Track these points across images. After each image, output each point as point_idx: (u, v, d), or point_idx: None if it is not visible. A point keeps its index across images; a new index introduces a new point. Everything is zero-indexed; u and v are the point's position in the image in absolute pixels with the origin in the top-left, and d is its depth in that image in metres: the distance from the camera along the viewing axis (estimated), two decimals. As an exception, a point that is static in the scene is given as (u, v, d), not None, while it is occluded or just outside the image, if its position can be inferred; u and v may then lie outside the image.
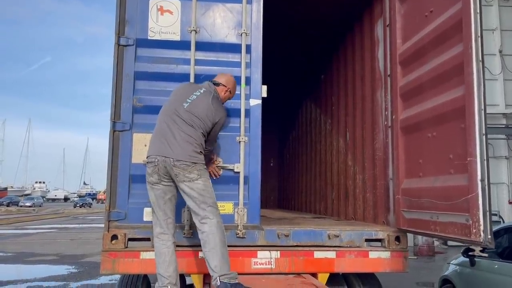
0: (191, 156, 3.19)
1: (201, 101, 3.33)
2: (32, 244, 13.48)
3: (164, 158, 3.17)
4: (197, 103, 3.32)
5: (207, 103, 3.33)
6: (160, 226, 3.25)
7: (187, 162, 3.17)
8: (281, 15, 5.22)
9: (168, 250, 3.20)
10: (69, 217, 31.30)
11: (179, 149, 3.18)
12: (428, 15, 3.51)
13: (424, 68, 3.55)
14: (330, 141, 6.42)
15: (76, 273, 8.77)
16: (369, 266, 3.73)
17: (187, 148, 3.20)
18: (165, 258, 3.18)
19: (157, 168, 3.19)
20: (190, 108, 3.30)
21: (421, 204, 3.49)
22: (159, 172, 3.20)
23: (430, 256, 11.23)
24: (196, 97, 3.35)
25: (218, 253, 3.09)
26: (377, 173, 4.52)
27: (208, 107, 3.32)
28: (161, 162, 3.18)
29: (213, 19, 3.87)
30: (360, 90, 5.14)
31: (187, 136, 3.23)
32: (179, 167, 3.16)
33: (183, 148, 3.19)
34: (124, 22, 3.74)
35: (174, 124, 3.24)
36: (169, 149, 3.18)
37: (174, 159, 3.15)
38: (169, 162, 3.16)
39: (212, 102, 3.35)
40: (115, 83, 3.64)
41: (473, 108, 2.88)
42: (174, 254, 3.24)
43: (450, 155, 3.17)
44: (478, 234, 2.79)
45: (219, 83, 3.55)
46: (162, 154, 3.19)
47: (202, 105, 3.32)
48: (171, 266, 3.18)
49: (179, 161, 3.15)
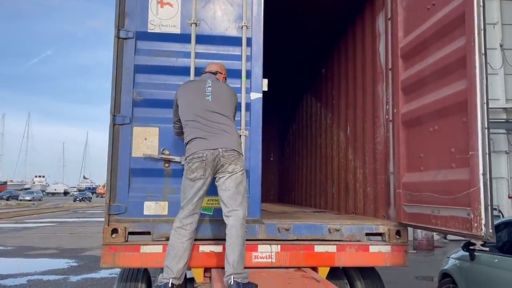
0: (237, 146, 3.28)
1: (219, 89, 3.38)
2: (32, 238, 13.51)
3: (213, 151, 3.18)
4: (217, 92, 3.36)
5: (226, 89, 3.44)
6: (180, 221, 3.21)
7: (235, 151, 3.22)
8: (281, 8, 5.19)
9: (183, 245, 3.18)
10: (68, 211, 31.34)
11: (226, 139, 3.23)
12: (430, 8, 3.48)
13: (426, 61, 3.53)
14: (331, 135, 6.41)
15: (76, 266, 8.78)
16: (370, 260, 3.73)
17: (233, 139, 3.27)
18: (177, 252, 3.16)
19: (205, 163, 3.17)
20: (215, 99, 3.32)
21: (422, 198, 3.49)
22: (205, 167, 3.18)
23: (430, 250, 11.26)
24: (211, 88, 3.36)
25: (237, 249, 3.09)
26: (378, 167, 4.51)
27: (228, 92, 3.42)
28: (210, 156, 3.17)
29: (214, 12, 3.84)
30: (361, 84, 5.12)
31: (228, 127, 3.28)
32: (227, 158, 3.19)
33: (230, 139, 3.25)
34: (124, 15, 3.70)
35: (210, 118, 3.26)
36: (216, 142, 3.20)
37: (224, 149, 3.19)
38: (218, 153, 3.18)
39: (226, 85, 3.48)
40: (115, 76, 3.62)
41: (475, 102, 2.86)
42: (188, 251, 3.21)
43: (452, 149, 3.16)
44: (480, 228, 2.78)
45: (216, 71, 3.56)
46: (211, 147, 3.19)
47: (223, 92, 3.39)
48: (181, 262, 3.16)
49: (228, 151, 3.20)
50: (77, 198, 54.16)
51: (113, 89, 3.60)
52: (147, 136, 3.60)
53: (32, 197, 50.52)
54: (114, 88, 3.60)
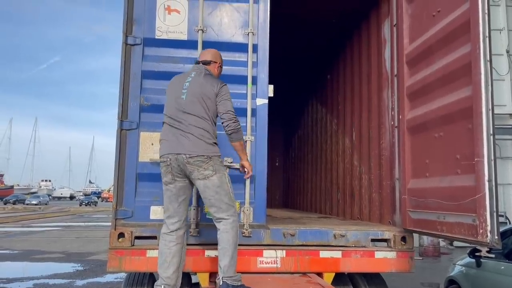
0: (205, 150, 3.10)
1: (195, 84, 3.21)
2: (39, 242, 13.57)
3: (176, 155, 3.10)
4: (192, 88, 3.20)
5: (199, 82, 3.20)
6: (166, 227, 3.20)
7: (202, 156, 3.08)
8: (287, 14, 5.22)
9: (170, 251, 3.13)
10: (74, 215, 31.46)
11: (191, 144, 3.09)
12: (435, 15, 3.50)
13: (431, 68, 3.54)
14: (336, 141, 6.42)
15: (82, 271, 8.82)
16: (375, 266, 3.73)
17: (199, 142, 3.10)
18: (165, 259, 3.12)
19: (170, 168, 3.13)
20: (188, 96, 3.18)
21: (428, 205, 3.48)
22: (172, 172, 3.14)
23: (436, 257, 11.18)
24: (189, 83, 3.23)
25: (228, 254, 3.08)
26: (383, 173, 4.51)
27: (201, 85, 3.19)
28: (174, 161, 3.11)
29: (220, 19, 3.88)
30: (366, 90, 5.13)
31: (197, 129, 3.12)
32: (193, 164, 3.08)
33: (195, 143, 3.09)
34: (131, 22, 3.76)
35: (180, 119, 3.15)
36: (180, 146, 3.10)
37: (187, 155, 3.07)
38: (182, 160, 3.08)
39: (204, 79, 3.23)
40: (123, 82, 3.67)
41: (480, 108, 2.87)
42: (177, 256, 3.15)
43: (457, 155, 3.16)
44: (485, 234, 2.78)
45: (209, 61, 3.41)
46: (173, 151, 3.11)
47: (196, 86, 3.19)
48: (170, 268, 3.11)
49: (193, 157, 3.07)
50: (83, 203, 54.36)
51: (121, 95, 3.65)
52: (154, 141, 3.63)
53: (39, 201, 50.83)
54: (121, 94, 3.65)
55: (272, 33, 3.93)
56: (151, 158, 3.62)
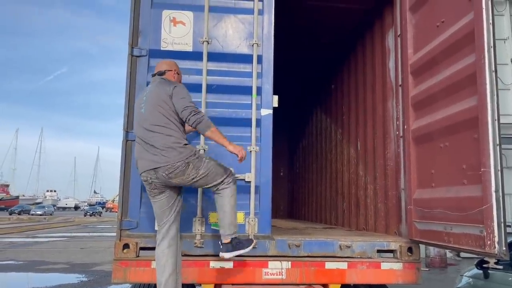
0: (179, 156, 3.06)
1: (150, 94, 3.22)
2: (43, 253, 13.56)
3: (154, 172, 3.10)
4: (149, 99, 3.22)
5: (155, 92, 3.21)
6: (157, 233, 3.28)
7: (179, 164, 3.05)
8: (291, 25, 5.26)
9: (163, 254, 3.19)
10: (79, 225, 31.44)
11: (162, 157, 3.05)
12: (439, 25, 3.51)
13: (436, 78, 3.54)
14: (341, 151, 6.40)
15: (86, 282, 8.78)
16: (381, 277, 3.69)
17: (170, 151, 3.05)
18: (159, 262, 3.19)
19: (154, 185, 3.17)
20: (147, 108, 3.19)
21: (434, 215, 3.46)
22: (157, 187, 3.19)
23: (443, 268, 11.05)
24: (146, 96, 3.25)
25: (227, 216, 3.21)
26: (389, 183, 4.49)
27: (156, 93, 3.18)
28: (154, 178, 3.13)
29: (225, 30, 3.91)
30: (371, 100, 5.13)
31: (163, 138, 3.08)
32: (167, 177, 3.08)
33: (166, 155, 3.05)
34: (137, 33, 3.79)
35: (145, 133, 3.15)
36: (154, 161, 3.08)
37: (166, 172, 3.05)
38: (162, 176, 3.08)
39: (158, 87, 3.22)
40: (128, 93, 3.69)
41: (486, 118, 2.86)
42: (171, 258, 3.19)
43: (463, 165, 3.14)
44: (493, 245, 2.75)
45: (164, 71, 3.40)
46: (150, 167, 3.11)
47: (152, 96, 3.19)
48: (166, 270, 3.15)
49: (171, 172, 3.06)
50: (88, 213, 54.42)
51: (126, 106, 3.67)
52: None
53: (44, 211, 50.93)
54: (127, 105, 3.67)
55: (276, 44, 3.95)
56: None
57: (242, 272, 3.39)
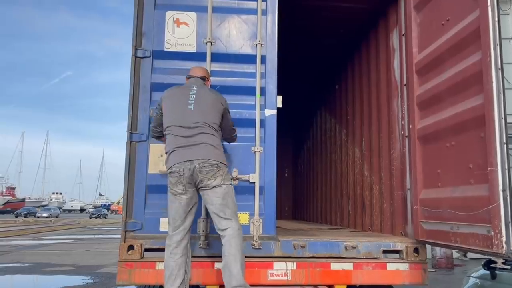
0: (216, 156, 3.20)
1: (202, 95, 3.32)
2: (49, 255, 13.60)
3: (189, 163, 3.15)
4: (201, 99, 3.29)
5: (208, 94, 3.36)
6: (169, 238, 3.22)
7: (212, 164, 3.15)
8: (295, 25, 5.25)
9: (176, 263, 3.15)
10: (85, 227, 31.55)
11: (204, 151, 3.17)
12: (444, 24, 3.48)
13: (441, 77, 3.51)
14: (346, 151, 6.38)
15: (92, 284, 8.80)
16: (387, 278, 3.66)
17: (211, 149, 3.20)
18: (172, 272, 3.14)
19: (182, 178, 3.17)
20: (197, 107, 3.27)
21: (440, 215, 3.43)
22: (184, 182, 3.17)
23: (449, 269, 10.97)
24: (195, 95, 3.31)
25: (238, 260, 3.09)
26: (394, 184, 4.46)
27: (211, 97, 3.34)
28: (186, 170, 3.15)
29: (229, 31, 3.91)
30: (376, 100, 5.11)
31: (209, 137, 3.23)
32: (205, 174, 3.15)
33: (208, 150, 3.19)
34: (141, 35, 3.79)
35: (189, 129, 3.21)
36: (193, 153, 3.16)
37: (201, 163, 3.13)
38: (194, 168, 3.14)
39: (211, 92, 3.41)
40: (132, 94, 3.69)
41: (493, 117, 2.83)
42: (183, 268, 3.18)
43: (470, 164, 3.11)
44: (501, 245, 2.72)
45: (205, 77, 3.55)
46: (186, 159, 3.15)
47: (207, 99, 3.31)
48: (177, 280, 3.13)
49: (205, 166, 3.14)
50: (93, 215, 54.66)
51: (130, 107, 3.67)
52: (163, 153, 3.63)
53: (49, 214, 51.19)
54: (131, 106, 3.67)
55: (279, 44, 3.93)
56: (161, 169, 3.62)
57: (247, 273, 3.36)
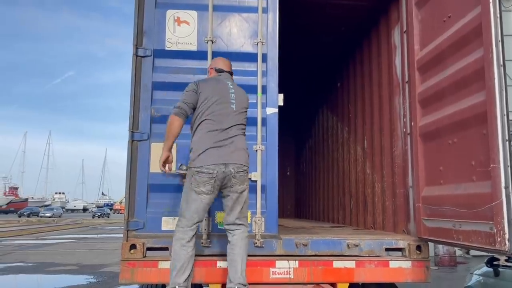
0: (247, 161, 3.26)
1: (239, 95, 3.37)
2: (52, 254, 13.64)
3: (224, 166, 3.13)
4: (238, 98, 3.35)
5: (242, 93, 3.42)
6: (184, 232, 3.17)
7: (244, 170, 3.22)
8: (297, 23, 5.23)
9: (187, 255, 3.17)
10: (88, 227, 31.62)
11: (239, 155, 3.21)
12: (446, 20, 3.47)
13: (443, 73, 3.50)
14: (348, 149, 6.37)
15: (95, 283, 8.82)
16: (390, 276, 3.66)
17: (244, 156, 3.26)
18: (183, 264, 3.14)
19: (214, 180, 3.13)
20: (238, 106, 3.32)
21: (443, 212, 3.42)
22: (214, 184, 3.15)
23: (452, 266, 10.96)
24: (234, 93, 3.35)
25: (244, 260, 3.17)
26: (397, 181, 4.45)
27: (242, 96, 3.40)
28: (221, 173, 3.13)
29: (229, 29, 3.90)
30: (377, 97, 5.10)
31: (242, 140, 3.28)
32: (237, 178, 3.18)
33: (242, 154, 3.24)
34: (142, 34, 3.79)
35: (228, 128, 3.22)
36: (230, 157, 3.17)
37: (235, 169, 3.15)
38: (229, 173, 3.14)
39: (242, 91, 3.44)
40: (133, 93, 3.69)
41: (495, 114, 2.82)
42: (192, 261, 3.22)
43: (472, 162, 3.10)
44: (503, 242, 2.71)
45: (231, 72, 3.59)
46: (223, 162, 3.13)
47: (242, 99, 3.39)
48: (186, 272, 3.15)
49: (239, 172, 3.17)
50: (96, 215, 54.79)
51: (132, 106, 3.67)
52: (165, 151, 3.64)
53: (52, 213, 51.39)
54: (132, 105, 3.67)
55: (281, 42, 3.93)
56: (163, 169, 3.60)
57: (249, 271, 3.36)
